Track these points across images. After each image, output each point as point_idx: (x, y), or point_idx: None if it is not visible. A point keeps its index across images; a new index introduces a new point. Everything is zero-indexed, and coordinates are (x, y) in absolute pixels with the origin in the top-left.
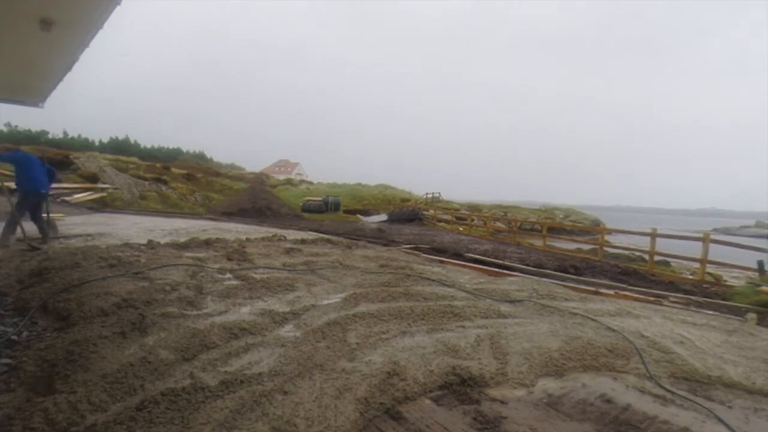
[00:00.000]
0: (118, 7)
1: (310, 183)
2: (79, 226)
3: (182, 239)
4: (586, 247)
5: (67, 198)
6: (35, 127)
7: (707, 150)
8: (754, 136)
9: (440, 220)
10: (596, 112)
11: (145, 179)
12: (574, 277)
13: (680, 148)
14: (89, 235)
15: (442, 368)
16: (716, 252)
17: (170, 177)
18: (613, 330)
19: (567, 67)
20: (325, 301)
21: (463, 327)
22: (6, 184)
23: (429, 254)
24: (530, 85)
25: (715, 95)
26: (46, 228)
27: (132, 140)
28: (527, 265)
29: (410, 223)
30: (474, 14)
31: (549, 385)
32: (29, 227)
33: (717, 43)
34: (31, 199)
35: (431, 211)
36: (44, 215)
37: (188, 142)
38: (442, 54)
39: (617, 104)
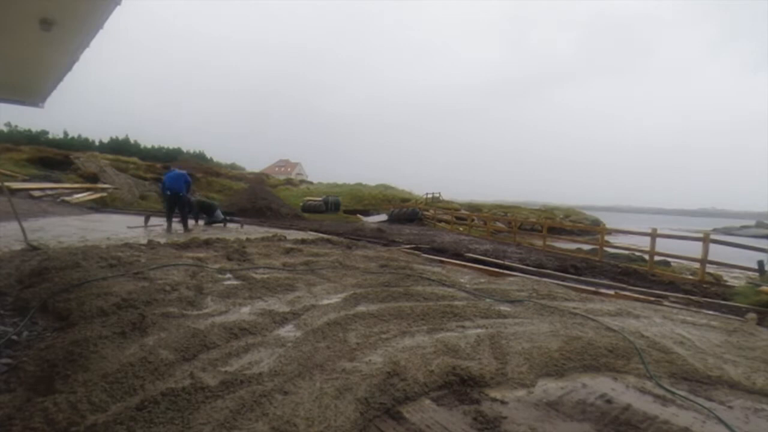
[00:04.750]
0: (118, 7)
1: (310, 183)
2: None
3: (182, 239)
4: (586, 247)
5: (67, 198)
6: (35, 127)
7: (708, 150)
8: (755, 136)
9: (440, 220)
10: (596, 112)
11: (145, 179)
12: (574, 277)
13: (681, 148)
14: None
15: (442, 368)
16: (716, 252)
17: None
18: (613, 330)
19: (567, 67)
20: (325, 301)
21: (463, 327)
22: (6, 184)
23: (429, 254)
24: (531, 85)
25: (716, 95)
26: (187, 222)
27: (132, 140)
28: (527, 265)
29: (410, 223)
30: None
31: (549, 385)
32: (39, 224)
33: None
34: (171, 200)
35: (431, 211)
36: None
37: (188, 142)
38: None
39: (617, 105)
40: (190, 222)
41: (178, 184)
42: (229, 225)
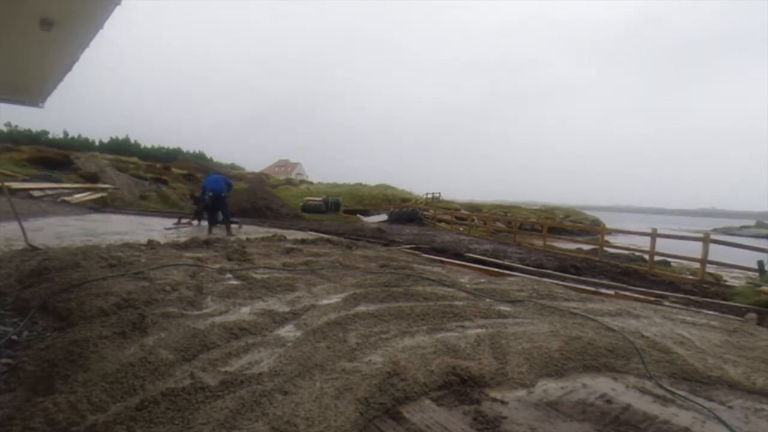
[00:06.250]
0: (117, 8)
1: (310, 183)
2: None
3: (182, 239)
4: (586, 247)
5: (67, 198)
6: (35, 127)
7: (707, 150)
8: (755, 136)
9: (440, 220)
10: (596, 113)
11: (145, 179)
12: (574, 277)
13: (680, 148)
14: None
15: (442, 368)
16: (716, 252)
17: (170, 177)
18: (613, 330)
19: (568, 68)
20: (325, 301)
21: (463, 327)
22: (6, 184)
23: (429, 254)
24: (531, 85)
25: (716, 96)
26: (229, 224)
27: (132, 140)
28: (527, 265)
29: (410, 223)
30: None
31: (549, 385)
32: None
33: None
34: (211, 201)
35: (431, 211)
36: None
37: (188, 143)
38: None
39: (617, 105)
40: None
41: (219, 185)
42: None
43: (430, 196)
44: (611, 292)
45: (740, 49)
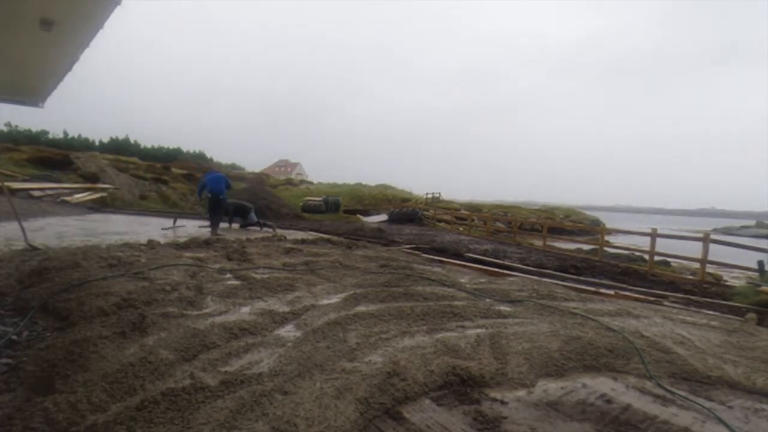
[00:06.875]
0: (118, 8)
1: (310, 183)
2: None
3: (182, 239)
4: (586, 247)
5: (67, 198)
6: (35, 127)
7: (707, 150)
8: (755, 136)
9: (440, 220)
10: (597, 113)
11: (145, 179)
12: (574, 277)
13: (680, 149)
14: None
15: (442, 368)
16: (716, 252)
17: (170, 177)
18: (613, 330)
19: (570, 70)
20: (325, 301)
21: (463, 327)
22: (6, 184)
23: (429, 254)
24: (531, 86)
25: (717, 96)
26: (217, 227)
27: (132, 140)
28: (527, 265)
29: (410, 223)
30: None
31: (549, 385)
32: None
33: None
34: (213, 203)
35: (431, 211)
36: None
37: (188, 142)
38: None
39: (617, 106)
40: (223, 225)
41: (220, 185)
42: (249, 228)
43: (430, 196)
44: (611, 292)
45: (742, 49)
